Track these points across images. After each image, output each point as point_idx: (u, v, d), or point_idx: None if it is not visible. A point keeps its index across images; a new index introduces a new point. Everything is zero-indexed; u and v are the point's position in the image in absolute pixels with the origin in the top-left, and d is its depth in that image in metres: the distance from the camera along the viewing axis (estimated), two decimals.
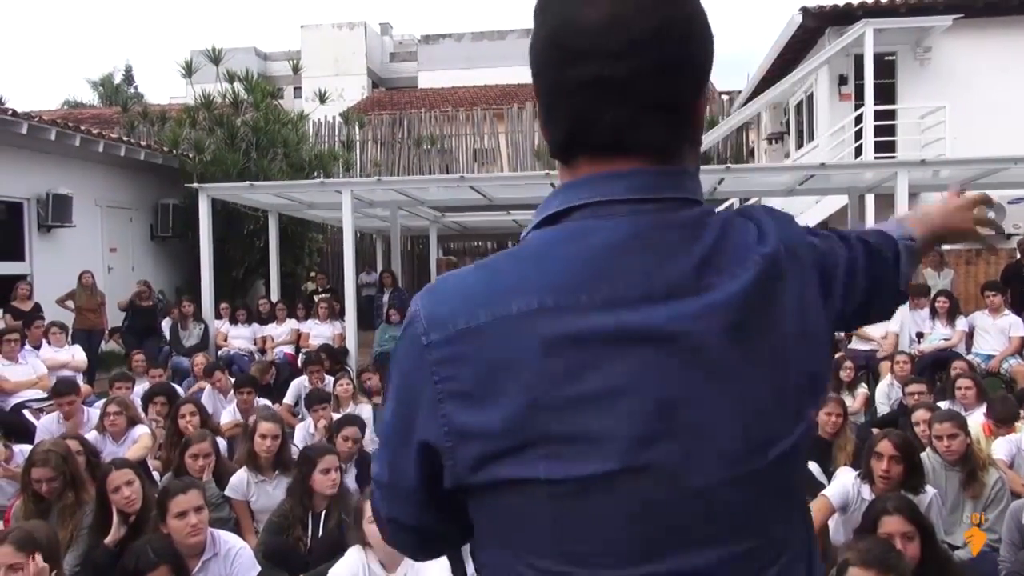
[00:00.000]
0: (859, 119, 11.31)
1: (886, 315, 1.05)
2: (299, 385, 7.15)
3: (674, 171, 0.81)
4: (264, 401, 6.44)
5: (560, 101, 0.80)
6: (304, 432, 5.67)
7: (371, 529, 3.06)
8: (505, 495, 0.77)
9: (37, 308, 8.62)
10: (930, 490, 3.61)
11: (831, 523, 3.61)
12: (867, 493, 3.49)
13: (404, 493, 0.86)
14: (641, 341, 0.74)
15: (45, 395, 6.45)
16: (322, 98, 13.16)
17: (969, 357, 7.29)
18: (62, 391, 5.55)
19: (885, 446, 3.50)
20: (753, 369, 0.77)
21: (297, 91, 27.62)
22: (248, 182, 9.74)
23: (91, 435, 5.02)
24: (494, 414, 0.75)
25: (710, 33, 0.82)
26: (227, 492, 4.29)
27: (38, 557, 2.72)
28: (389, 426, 0.85)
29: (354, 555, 3.14)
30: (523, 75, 24.75)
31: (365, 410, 6.26)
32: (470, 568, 3.73)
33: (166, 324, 9.33)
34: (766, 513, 0.79)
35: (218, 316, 9.63)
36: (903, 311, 7.57)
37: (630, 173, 0.79)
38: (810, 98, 13.13)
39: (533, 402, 0.74)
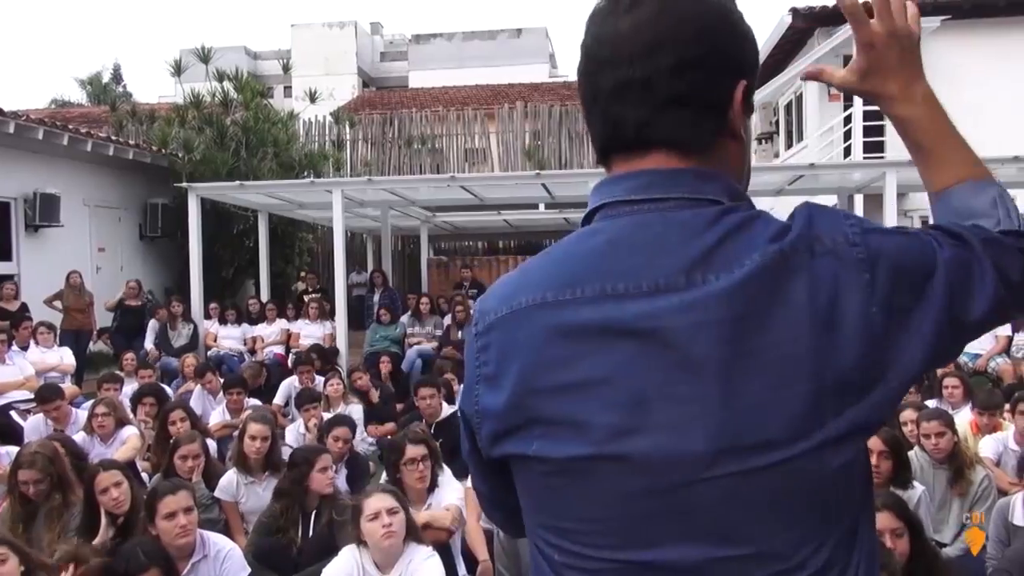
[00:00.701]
0: (848, 119, 11.38)
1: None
2: (289, 385, 7.13)
3: (683, 171, 0.82)
4: (254, 401, 6.42)
5: (595, 109, 0.87)
6: (296, 432, 5.66)
7: (369, 527, 3.05)
8: (516, 470, 0.87)
9: (24, 308, 8.56)
10: (919, 487, 3.64)
11: None
12: None
13: (470, 462, 0.96)
14: (623, 334, 0.77)
15: (33, 396, 6.40)
16: (312, 97, 13.12)
17: None
18: (46, 397, 5.51)
19: (874, 442, 3.52)
20: (742, 369, 0.74)
21: (287, 90, 27.55)
22: (238, 182, 9.70)
23: (79, 436, 4.99)
24: (501, 395, 0.84)
25: (738, 29, 0.85)
26: (216, 493, 4.27)
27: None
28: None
29: (348, 554, 3.13)
30: (514, 75, 24.86)
31: (356, 410, 6.24)
32: (462, 569, 3.73)
33: (152, 325, 9.24)
34: (762, 523, 0.75)
35: (207, 316, 9.59)
36: None
37: (633, 175, 0.84)
38: (799, 98, 13.20)
39: (528, 385, 0.82)
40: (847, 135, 11.36)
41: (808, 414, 0.73)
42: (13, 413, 6.33)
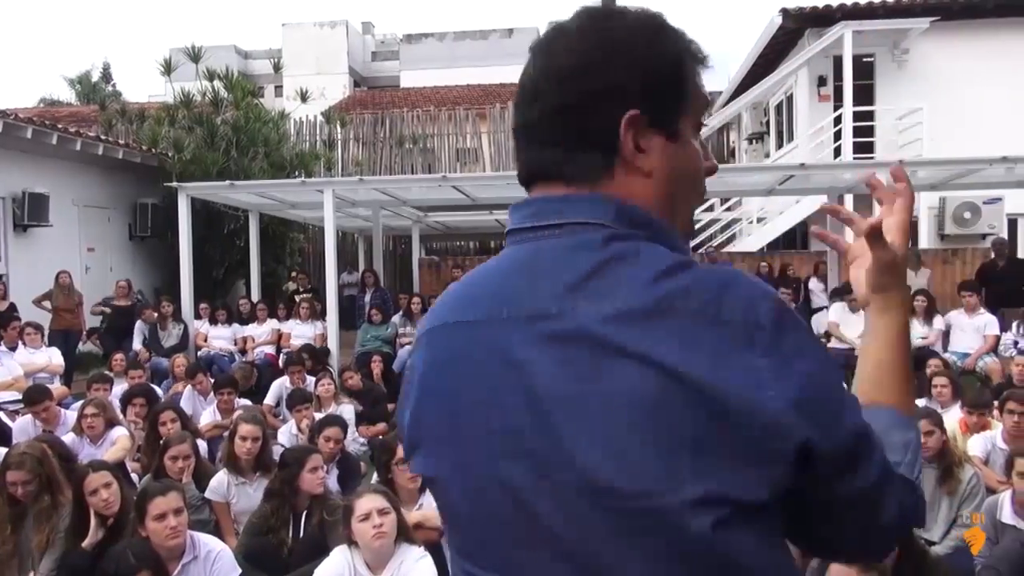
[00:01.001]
0: (838, 120, 11.45)
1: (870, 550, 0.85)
2: (280, 386, 7.10)
3: (573, 197, 0.83)
4: (245, 401, 6.40)
5: (516, 145, 0.92)
6: (289, 433, 5.64)
7: (360, 528, 3.05)
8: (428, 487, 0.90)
9: (12, 308, 8.50)
10: None
11: None
12: None
13: None
14: (504, 363, 0.78)
15: (21, 397, 6.35)
16: (303, 97, 13.08)
17: (945, 355, 7.39)
18: (35, 398, 5.46)
19: None
20: (600, 410, 0.72)
21: (278, 90, 27.46)
22: (228, 181, 9.66)
23: (68, 437, 4.95)
24: (406, 413, 0.88)
25: (633, 59, 0.82)
26: (207, 494, 4.26)
27: None
28: None
29: (339, 555, 3.12)
30: (505, 75, 24.90)
31: (347, 410, 6.23)
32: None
33: (139, 327, 9.15)
34: (630, 568, 0.72)
35: (198, 316, 9.54)
36: None
37: (528, 203, 0.87)
38: (790, 99, 13.26)
39: (421, 405, 0.86)
40: (837, 135, 11.43)
41: (660, 469, 0.70)
42: (1, 414, 6.28)
